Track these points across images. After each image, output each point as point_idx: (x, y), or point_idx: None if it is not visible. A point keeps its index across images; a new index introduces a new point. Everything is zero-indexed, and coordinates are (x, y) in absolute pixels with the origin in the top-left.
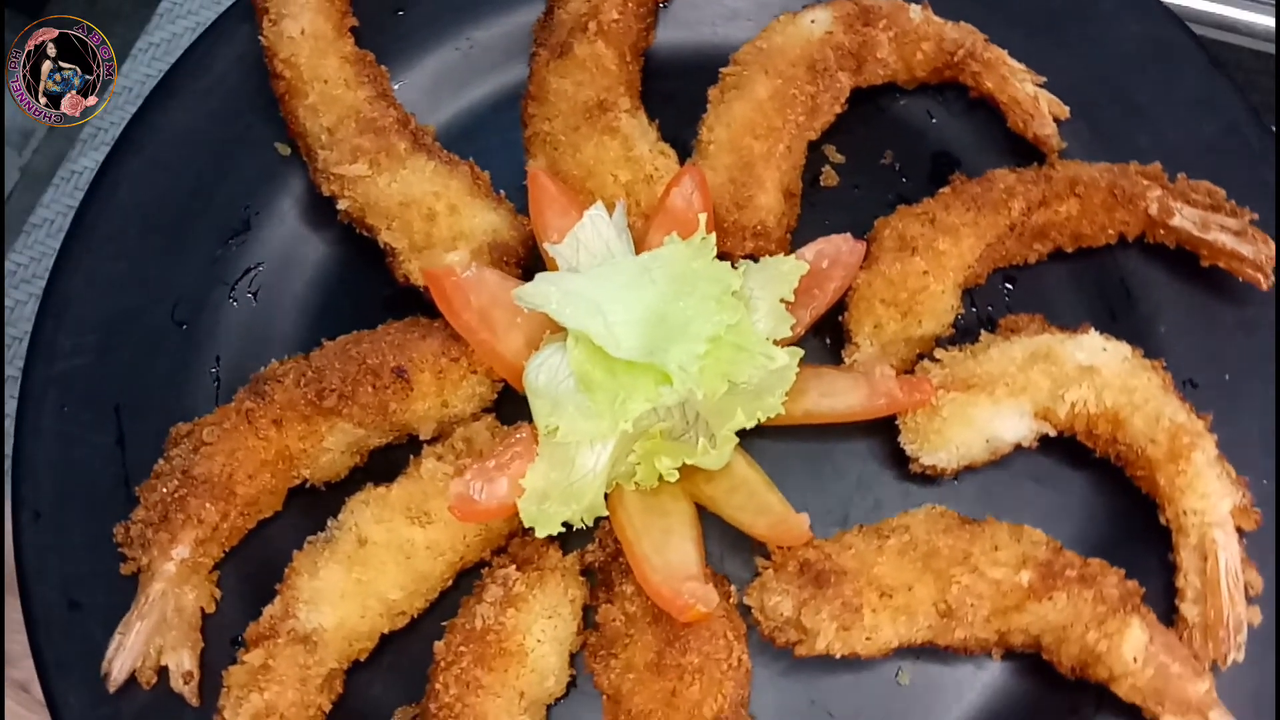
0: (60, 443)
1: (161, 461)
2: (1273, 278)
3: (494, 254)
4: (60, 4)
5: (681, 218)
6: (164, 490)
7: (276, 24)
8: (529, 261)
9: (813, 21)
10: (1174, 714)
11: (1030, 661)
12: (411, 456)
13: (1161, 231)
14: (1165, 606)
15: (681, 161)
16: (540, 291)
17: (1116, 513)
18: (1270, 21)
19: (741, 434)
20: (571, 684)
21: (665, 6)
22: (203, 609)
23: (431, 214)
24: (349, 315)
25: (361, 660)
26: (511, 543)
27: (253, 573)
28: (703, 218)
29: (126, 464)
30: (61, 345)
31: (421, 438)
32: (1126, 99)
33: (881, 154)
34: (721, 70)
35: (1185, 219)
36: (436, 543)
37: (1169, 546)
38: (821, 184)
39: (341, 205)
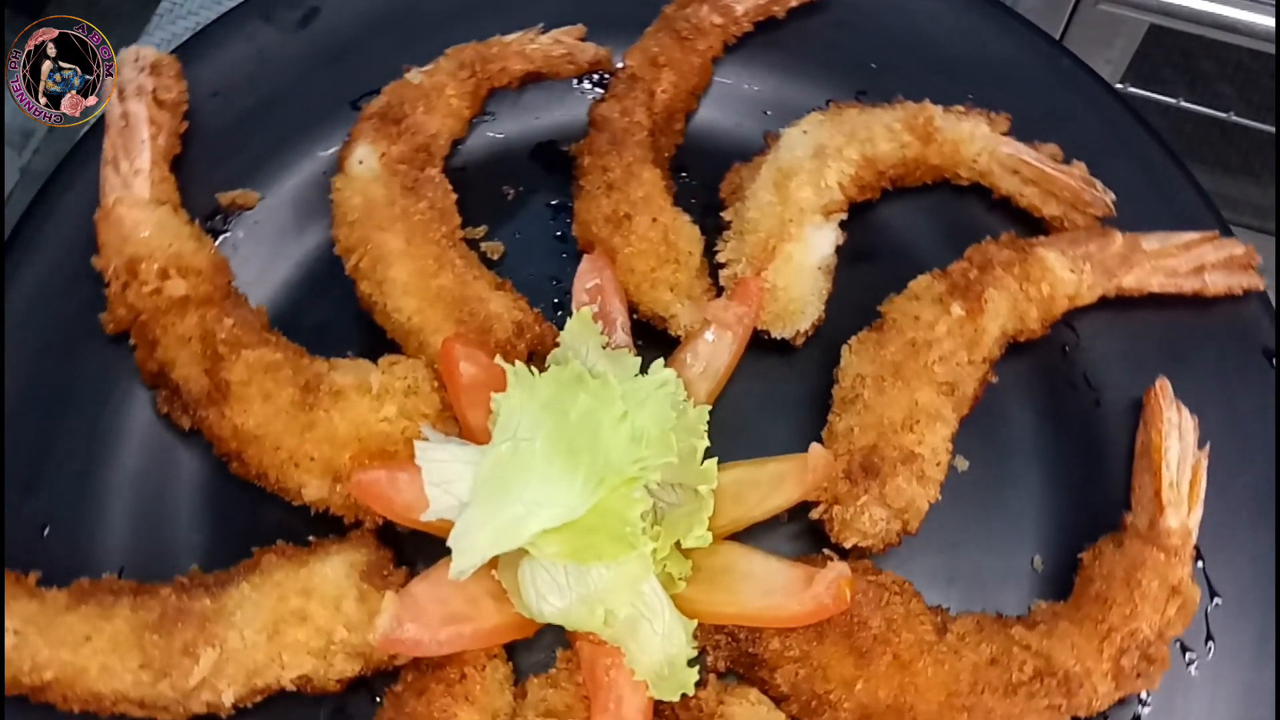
0: None
1: None
2: None
3: (371, 575)
4: (60, 4)
5: (481, 381)
6: None
7: None
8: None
9: (361, 163)
10: (1132, 269)
11: (1010, 360)
12: None
13: (734, 28)
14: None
15: None
16: (469, 550)
17: (934, 216)
18: (1270, 21)
19: None
20: None
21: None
22: None
23: (300, 613)
24: None
25: None
26: None
27: None
28: (497, 359)
29: None
30: None
31: None
32: None
33: (502, 193)
34: (348, 269)
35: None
36: None
37: (986, 199)
38: (495, 259)
39: (227, 702)
